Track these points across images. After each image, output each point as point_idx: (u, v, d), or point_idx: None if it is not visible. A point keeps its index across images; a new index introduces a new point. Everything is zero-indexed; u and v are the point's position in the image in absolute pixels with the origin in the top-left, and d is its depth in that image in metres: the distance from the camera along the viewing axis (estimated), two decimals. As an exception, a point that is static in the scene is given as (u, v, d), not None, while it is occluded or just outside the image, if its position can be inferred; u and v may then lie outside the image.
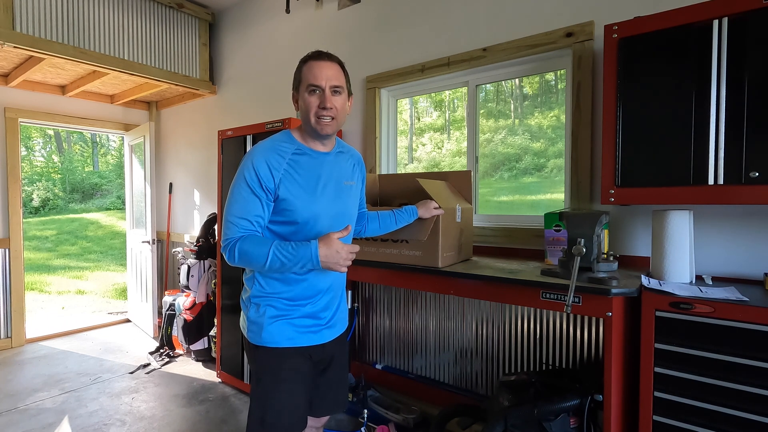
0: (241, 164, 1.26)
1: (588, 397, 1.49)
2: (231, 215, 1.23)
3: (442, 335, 2.35)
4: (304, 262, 1.17)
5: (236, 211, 1.22)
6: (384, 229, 1.65)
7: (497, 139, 2.72)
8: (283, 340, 1.28)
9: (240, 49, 3.58)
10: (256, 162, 1.22)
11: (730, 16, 1.33)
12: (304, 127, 1.32)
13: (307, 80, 1.26)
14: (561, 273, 1.52)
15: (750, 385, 1.19)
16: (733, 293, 1.32)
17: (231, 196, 1.24)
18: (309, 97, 1.26)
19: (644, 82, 1.48)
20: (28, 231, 11.10)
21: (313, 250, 1.17)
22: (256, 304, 1.30)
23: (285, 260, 1.17)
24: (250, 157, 1.24)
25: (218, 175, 2.91)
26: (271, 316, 1.28)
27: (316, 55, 1.29)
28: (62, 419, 2.44)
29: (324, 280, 1.34)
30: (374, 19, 2.67)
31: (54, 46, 2.81)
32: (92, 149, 16.01)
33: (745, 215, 1.58)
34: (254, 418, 1.28)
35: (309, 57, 1.30)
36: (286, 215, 1.25)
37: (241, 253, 1.19)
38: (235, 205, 1.23)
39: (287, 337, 1.28)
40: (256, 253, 1.18)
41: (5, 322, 3.64)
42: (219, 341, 2.94)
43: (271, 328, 1.27)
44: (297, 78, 1.31)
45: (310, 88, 1.25)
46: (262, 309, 1.29)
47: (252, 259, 1.19)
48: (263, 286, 1.30)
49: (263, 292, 1.30)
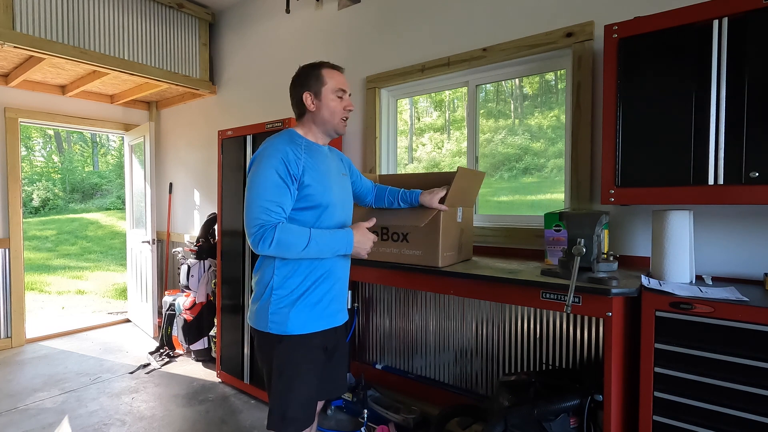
0: (259, 159, 1.32)
1: (588, 397, 1.49)
2: (263, 200, 1.26)
3: (442, 335, 2.35)
4: (338, 247, 1.31)
5: (269, 196, 1.26)
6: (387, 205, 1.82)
7: (497, 139, 2.72)
8: (307, 327, 1.34)
9: (240, 49, 3.58)
10: (282, 151, 1.30)
11: (730, 16, 1.33)
12: (320, 125, 1.43)
13: (337, 85, 1.41)
14: (561, 273, 1.52)
15: (750, 385, 1.19)
16: (733, 293, 1.32)
17: (259, 184, 1.27)
18: (337, 100, 1.41)
19: (644, 82, 1.48)
20: (28, 231, 11.10)
21: (350, 237, 1.32)
22: (278, 294, 1.34)
23: (324, 246, 1.28)
24: (274, 147, 1.31)
25: (218, 175, 2.91)
26: (295, 304, 1.33)
27: (335, 66, 1.44)
28: (62, 419, 2.45)
29: (340, 268, 1.44)
30: (374, 19, 2.67)
31: (54, 46, 2.81)
32: (92, 149, 16.01)
33: (745, 215, 1.58)
34: (276, 414, 1.33)
35: (327, 65, 1.43)
36: (309, 200, 1.33)
37: (280, 240, 1.24)
38: (266, 191, 1.26)
39: (311, 323, 1.35)
40: (296, 239, 1.25)
41: (5, 322, 3.64)
42: (219, 341, 2.94)
43: (296, 316, 1.33)
44: (317, 81, 1.40)
45: (339, 92, 1.41)
46: (286, 298, 1.33)
47: (291, 245, 1.25)
48: (287, 275, 1.34)
49: (285, 284, 1.34)
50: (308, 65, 1.45)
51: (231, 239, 2.83)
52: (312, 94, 1.40)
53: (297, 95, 1.43)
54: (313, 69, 1.43)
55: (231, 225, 2.82)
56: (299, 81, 1.43)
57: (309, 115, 1.43)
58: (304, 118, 1.45)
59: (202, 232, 3.42)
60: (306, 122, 1.45)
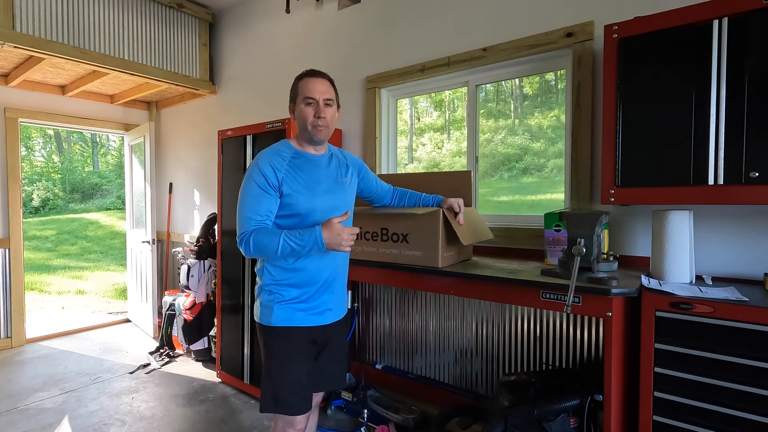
0: (248, 169, 1.46)
1: (588, 397, 1.49)
2: (244, 211, 1.41)
3: (442, 335, 2.35)
4: (311, 245, 1.35)
5: (248, 208, 1.41)
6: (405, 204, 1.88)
7: (497, 139, 2.72)
8: (289, 321, 1.45)
9: (240, 49, 3.58)
10: (261, 165, 1.42)
11: (730, 16, 1.33)
12: (300, 134, 1.52)
13: (304, 93, 1.46)
14: (561, 273, 1.52)
15: (750, 385, 1.20)
16: (733, 293, 1.32)
17: (242, 197, 1.43)
18: (305, 108, 1.46)
19: (644, 82, 1.48)
20: (28, 231, 11.10)
21: (317, 234, 1.35)
22: (267, 291, 1.47)
23: (294, 245, 1.35)
24: (256, 162, 1.44)
25: (218, 175, 2.91)
26: (279, 300, 1.45)
27: (311, 73, 1.49)
28: (62, 419, 2.45)
29: (326, 268, 1.50)
30: (374, 19, 2.67)
31: (54, 46, 2.81)
32: (92, 149, 16.01)
33: (745, 215, 1.58)
34: (267, 396, 1.44)
35: (304, 74, 1.50)
36: (289, 209, 1.44)
37: (256, 243, 1.37)
38: (246, 203, 1.42)
39: (293, 318, 1.45)
40: (269, 242, 1.35)
41: (5, 322, 3.64)
42: (219, 341, 2.94)
43: (279, 311, 1.44)
44: (294, 92, 1.50)
45: (306, 100, 1.45)
46: (272, 295, 1.46)
47: (265, 247, 1.36)
48: (272, 275, 1.47)
49: (273, 280, 1.47)
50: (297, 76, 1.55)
51: (231, 239, 2.83)
52: (293, 105, 1.51)
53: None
54: (295, 80, 1.52)
55: (231, 225, 2.82)
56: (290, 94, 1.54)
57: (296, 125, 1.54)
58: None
59: (202, 232, 3.42)
60: (297, 131, 1.56)
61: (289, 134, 2.44)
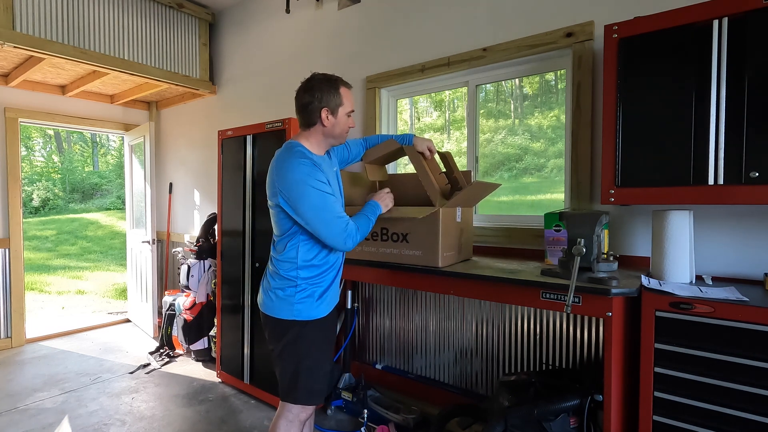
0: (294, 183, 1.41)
1: (588, 397, 1.49)
2: (329, 217, 1.43)
3: (442, 335, 2.35)
4: (378, 212, 1.64)
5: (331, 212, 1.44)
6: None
7: (497, 139, 2.72)
8: (326, 310, 1.57)
9: (240, 49, 3.58)
10: (313, 173, 1.42)
11: (730, 16, 1.33)
12: (328, 138, 1.55)
13: (350, 106, 1.54)
14: (561, 273, 1.52)
15: (750, 385, 1.19)
16: (733, 293, 1.32)
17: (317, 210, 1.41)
18: (348, 119, 1.55)
19: (644, 82, 1.48)
20: (28, 231, 11.09)
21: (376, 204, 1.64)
22: (302, 289, 1.51)
23: (371, 215, 1.58)
24: (304, 172, 1.41)
25: (218, 175, 2.91)
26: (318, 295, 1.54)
27: (347, 83, 1.56)
28: (62, 419, 2.45)
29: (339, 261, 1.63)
30: (374, 19, 2.67)
31: (54, 46, 2.80)
32: (92, 149, 16.01)
33: (745, 215, 1.58)
34: (302, 389, 1.51)
35: (342, 82, 1.53)
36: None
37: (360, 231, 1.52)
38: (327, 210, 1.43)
39: (327, 307, 1.58)
40: (362, 225, 1.53)
41: (5, 322, 3.64)
42: (219, 341, 2.94)
43: (317, 305, 1.53)
44: (336, 100, 1.50)
45: (351, 113, 1.56)
46: (308, 292, 1.52)
47: (365, 230, 1.54)
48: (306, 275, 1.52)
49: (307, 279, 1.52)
50: (325, 78, 1.51)
51: (231, 239, 2.83)
52: (329, 111, 1.49)
53: (313, 108, 1.49)
54: (331, 85, 1.49)
55: (231, 225, 2.82)
56: (317, 95, 1.47)
57: (319, 128, 1.51)
58: (312, 129, 1.52)
59: (202, 232, 3.42)
60: (314, 133, 1.52)
61: (289, 134, 2.44)
